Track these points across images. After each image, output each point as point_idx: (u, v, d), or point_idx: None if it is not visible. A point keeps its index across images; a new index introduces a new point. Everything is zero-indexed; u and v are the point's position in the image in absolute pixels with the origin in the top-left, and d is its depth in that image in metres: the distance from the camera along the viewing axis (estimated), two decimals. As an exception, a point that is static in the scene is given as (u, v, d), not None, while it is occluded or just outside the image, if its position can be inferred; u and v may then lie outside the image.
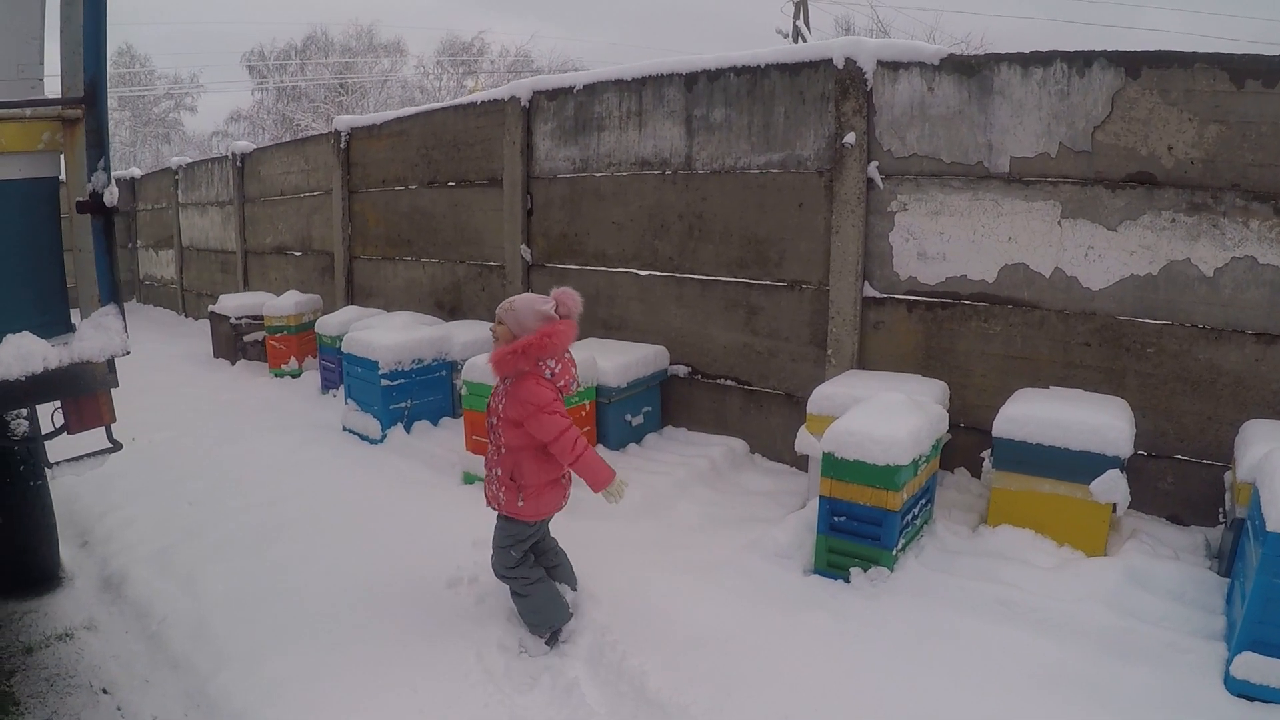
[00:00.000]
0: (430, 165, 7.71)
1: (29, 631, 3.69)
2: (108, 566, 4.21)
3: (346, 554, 4.07)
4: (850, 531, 3.57)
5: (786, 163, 4.96)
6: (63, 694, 3.20)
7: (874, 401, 3.78)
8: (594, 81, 6.00)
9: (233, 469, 5.55)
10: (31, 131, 2.56)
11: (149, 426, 6.60)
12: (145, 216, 15.48)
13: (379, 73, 34.92)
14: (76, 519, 4.87)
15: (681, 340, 5.69)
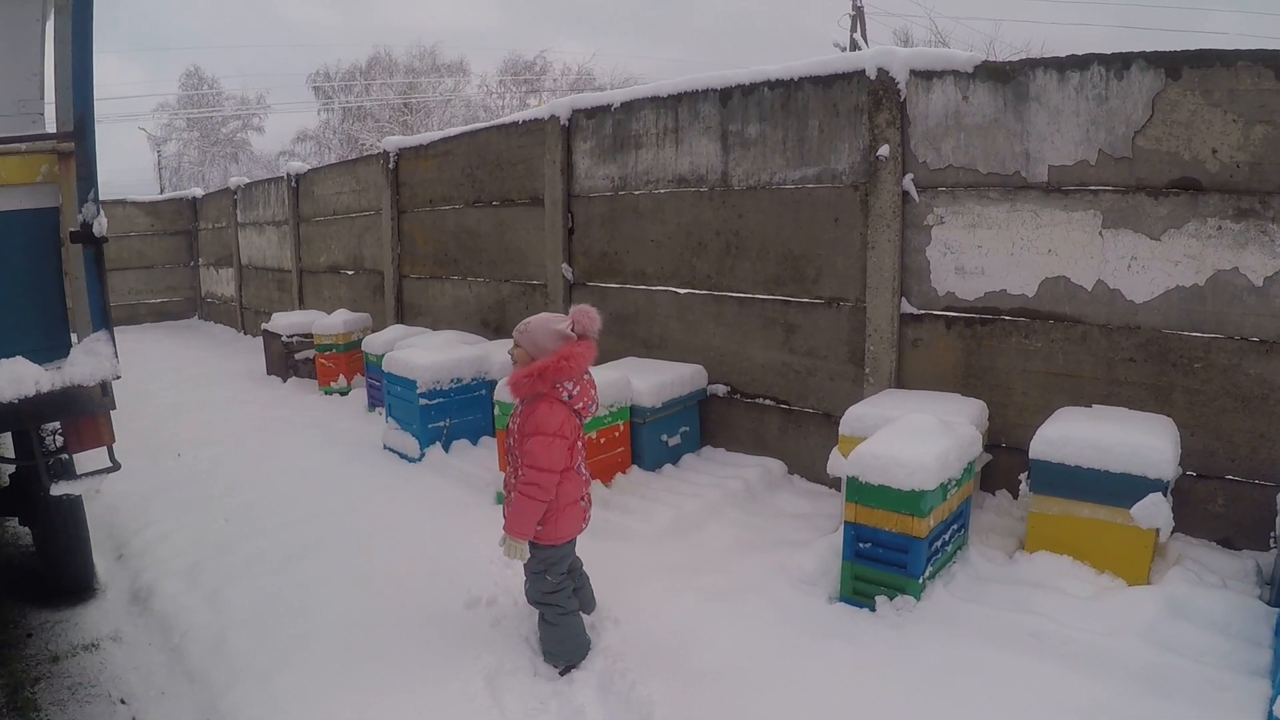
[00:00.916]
0: (475, 185, 7.92)
1: (58, 640, 3.90)
2: (139, 580, 4.41)
3: (371, 573, 4.20)
4: (875, 558, 3.53)
5: (821, 177, 4.97)
6: (82, 702, 3.37)
7: (901, 423, 3.74)
8: (631, 99, 6.10)
9: (272, 485, 5.77)
10: (31, 164, 2.75)
11: (196, 442, 6.95)
12: (206, 235, 16.21)
13: (442, 92, 35.92)
14: (115, 532, 5.12)
15: (720, 359, 5.72)
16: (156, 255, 16.61)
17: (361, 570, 4.24)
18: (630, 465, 5.37)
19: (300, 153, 34.98)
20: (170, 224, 16.71)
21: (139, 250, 16.36)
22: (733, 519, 4.69)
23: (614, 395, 5.19)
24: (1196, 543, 3.86)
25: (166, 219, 16.68)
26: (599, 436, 5.11)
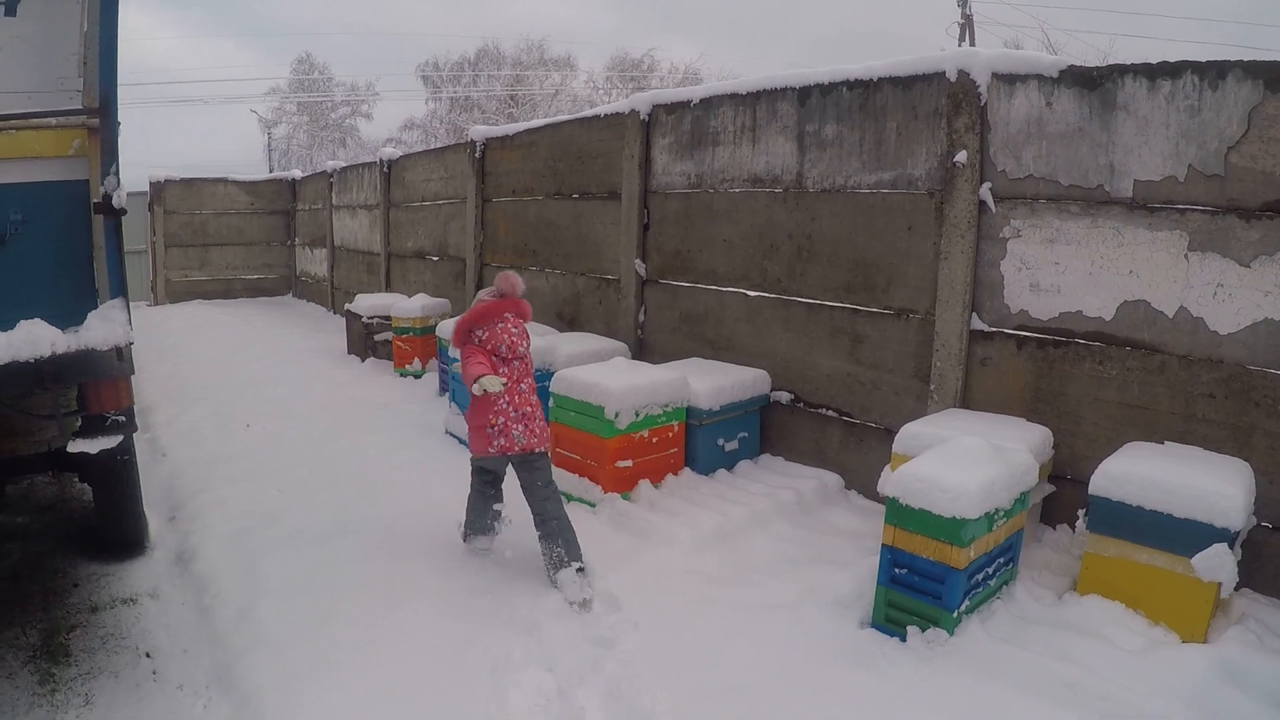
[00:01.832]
0: (556, 177, 8.06)
1: (100, 593, 4.21)
2: (186, 542, 4.70)
3: (404, 555, 4.37)
4: (911, 586, 3.46)
5: (897, 182, 4.88)
6: (110, 652, 3.64)
7: (950, 445, 3.65)
8: (710, 95, 6.12)
9: (330, 462, 6.04)
10: (63, 138, 2.98)
11: (267, 415, 7.31)
12: (303, 216, 17.02)
13: (548, 86, 36.68)
14: (174, 495, 5.46)
15: (786, 365, 5.68)
16: (255, 233, 17.50)
17: (396, 551, 4.41)
18: (683, 467, 5.39)
19: (407, 140, 36.34)
20: (269, 203, 17.59)
21: (238, 227, 17.28)
22: (779, 531, 4.66)
23: (669, 395, 5.22)
24: (1265, 601, 3.62)
25: (266, 198, 17.57)
26: (651, 435, 5.15)
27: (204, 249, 17.08)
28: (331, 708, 3.09)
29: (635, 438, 5.09)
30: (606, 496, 5.00)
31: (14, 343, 2.86)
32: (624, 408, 4.99)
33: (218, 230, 17.12)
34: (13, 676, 3.49)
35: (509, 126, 9.04)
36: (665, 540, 4.50)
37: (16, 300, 2.98)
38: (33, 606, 4.09)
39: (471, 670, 3.30)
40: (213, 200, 17.07)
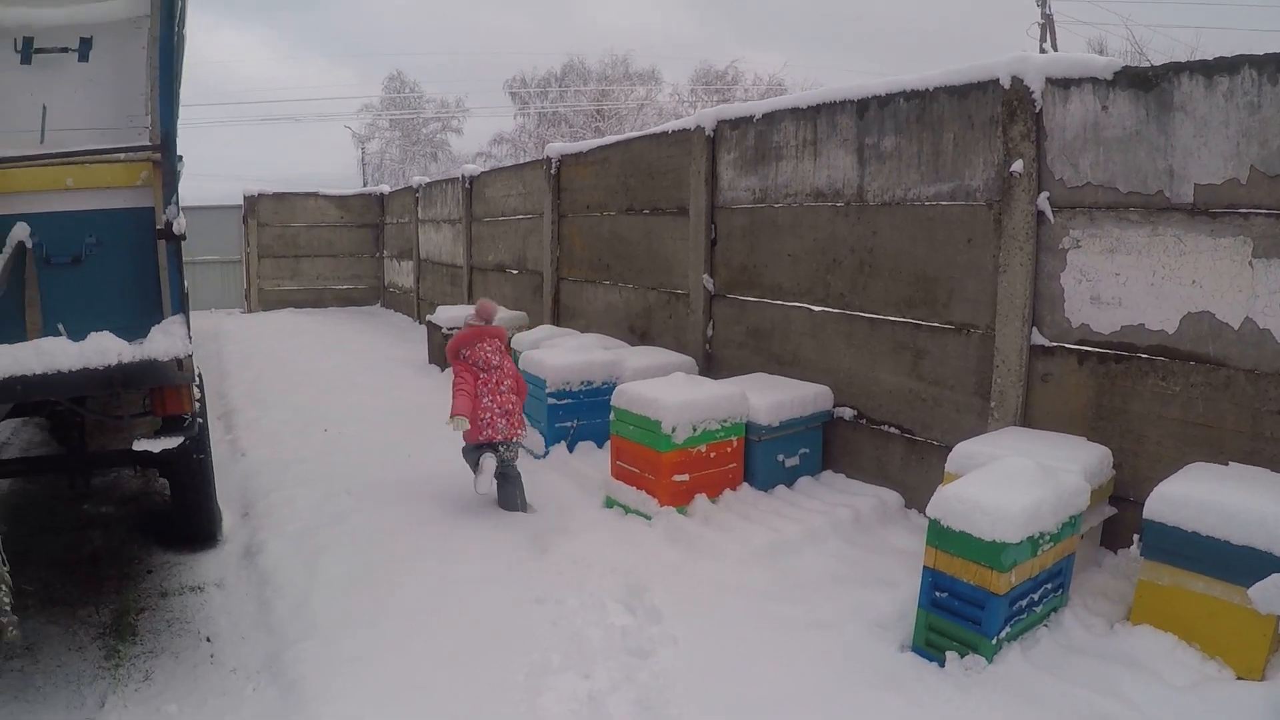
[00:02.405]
0: (628, 192, 8.25)
1: (171, 580, 4.64)
2: (255, 537, 5.09)
3: (458, 558, 4.61)
4: (951, 610, 3.45)
5: (956, 194, 4.86)
6: (174, 635, 4.03)
7: (996, 466, 3.63)
8: (772, 110, 6.19)
9: (399, 467, 6.38)
10: (132, 170, 3.37)
11: (345, 420, 7.75)
12: (391, 229, 17.82)
13: (634, 100, 37.36)
14: (248, 493, 5.89)
15: (849, 381, 5.69)
16: (344, 245, 18.45)
17: (451, 555, 4.65)
18: (741, 483, 5.45)
19: (497, 154, 37.63)
20: (359, 217, 18.52)
21: (328, 240, 18.27)
22: (832, 549, 4.68)
23: (727, 410, 5.31)
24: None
25: (355, 212, 18.51)
26: (709, 450, 5.24)
27: (295, 260, 18.08)
28: (369, 695, 3.31)
29: (692, 452, 5.19)
30: (662, 510, 5.10)
31: (85, 352, 3.23)
32: (681, 422, 5.09)
33: (309, 242, 18.11)
34: (82, 650, 3.89)
35: (582, 144, 9.29)
36: (715, 555, 4.58)
37: (89, 314, 3.36)
38: (108, 589, 4.53)
39: (509, 670, 3.47)
40: (304, 213, 18.08)
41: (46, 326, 3.36)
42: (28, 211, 3.30)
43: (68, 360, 3.22)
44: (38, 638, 3.97)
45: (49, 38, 3.41)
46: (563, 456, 6.49)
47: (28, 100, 3.37)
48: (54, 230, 3.35)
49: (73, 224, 3.38)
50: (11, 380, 3.14)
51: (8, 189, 3.28)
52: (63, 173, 3.34)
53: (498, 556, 4.66)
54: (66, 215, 3.36)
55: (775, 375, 6.14)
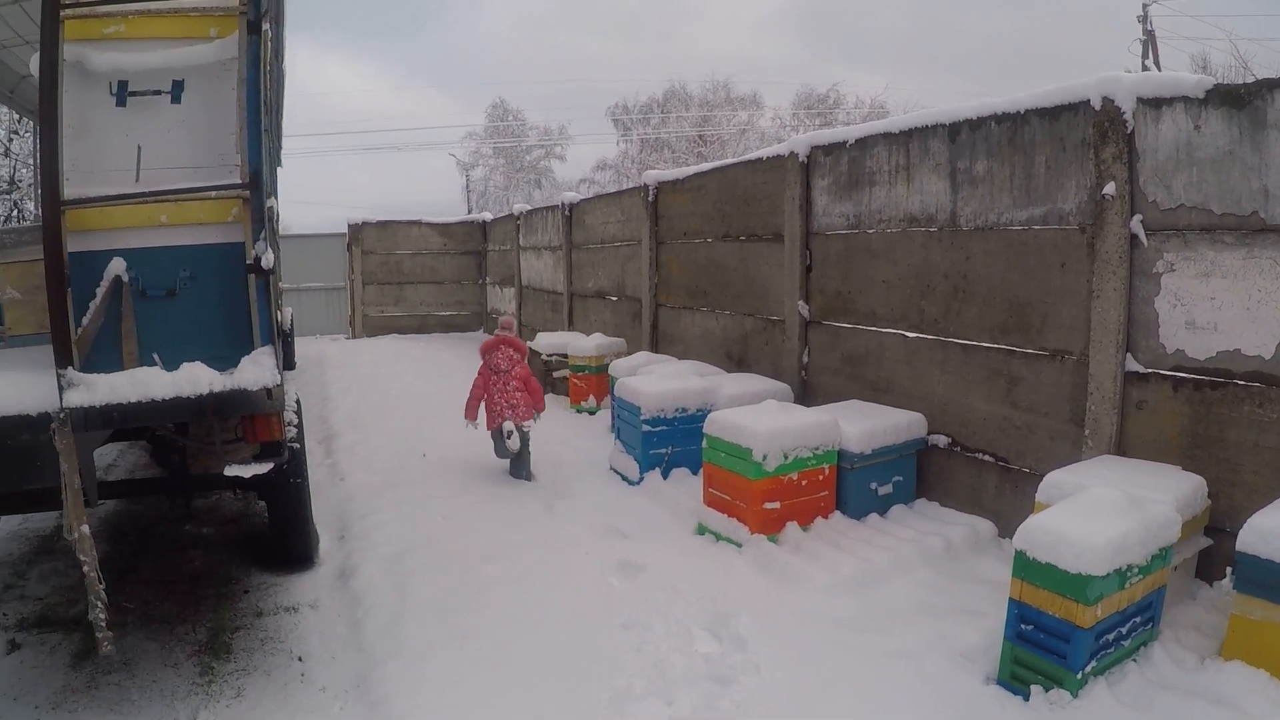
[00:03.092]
0: (724, 219, 8.50)
1: (267, 600, 4.98)
2: (349, 559, 5.43)
3: (547, 581, 4.86)
4: (1036, 643, 3.51)
5: (1048, 218, 4.94)
6: (267, 654, 4.34)
7: (1084, 496, 3.68)
8: (865, 135, 6.35)
9: (494, 492, 6.73)
10: (223, 207, 3.67)
11: (443, 445, 8.16)
12: (493, 256, 18.56)
13: (736, 125, 37.90)
14: (345, 516, 6.27)
15: (943, 408, 5.78)
16: (447, 272, 19.33)
17: (540, 579, 4.90)
18: (833, 511, 5.59)
19: (600, 180, 38.89)
20: (461, 244, 19.38)
21: (431, 267, 19.18)
22: (921, 579, 4.77)
23: (819, 437, 5.46)
24: None
25: (458, 239, 19.38)
26: (800, 478, 5.40)
27: (399, 286, 19.03)
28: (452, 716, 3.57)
29: (784, 480, 5.35)
30: (753, 538, 5.27)
31: (177, 381, 3.52)
32: (772, 450, 5.26)
33: (412, 269, 19.05)
34: (177, 666, 4.23)
35: (679, 170, 9.60)
36: (803, 583, 4.73)
37: (182, 345, 3.65)
38: (205, 607, 4.90)
39: (592, 695, 3.68)
40: (407, 241, 19.05)
41: (142, 356, 3.62)
42: (124, 247, 3.60)
43: (161, 389, 3.49)
44: (135, 653, 4.33)
45: (143, 81, 3.69)
46: (657, 483, 6.72)
47: (123, 141, 3.66)
48: (149, 264, 3.64)
49: (167, 258, 3.66)
50: (109, 408, 3.42)
51: (106, 225, 3.58)
52: (157, 210, 3.63)
53: (587, 582, 4.89)
54: (161, 250, 3.65)
55: (869, 402, 6.26)
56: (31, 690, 4.00)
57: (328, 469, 7.78)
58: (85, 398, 3.37)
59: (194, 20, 3.74)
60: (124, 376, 3.48)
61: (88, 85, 3.62)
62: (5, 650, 4.40)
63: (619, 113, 41.18)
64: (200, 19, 3.74)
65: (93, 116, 3.63)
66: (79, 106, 3.59)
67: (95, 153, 3.60)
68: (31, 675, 4.15)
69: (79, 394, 3.37)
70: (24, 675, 4.15)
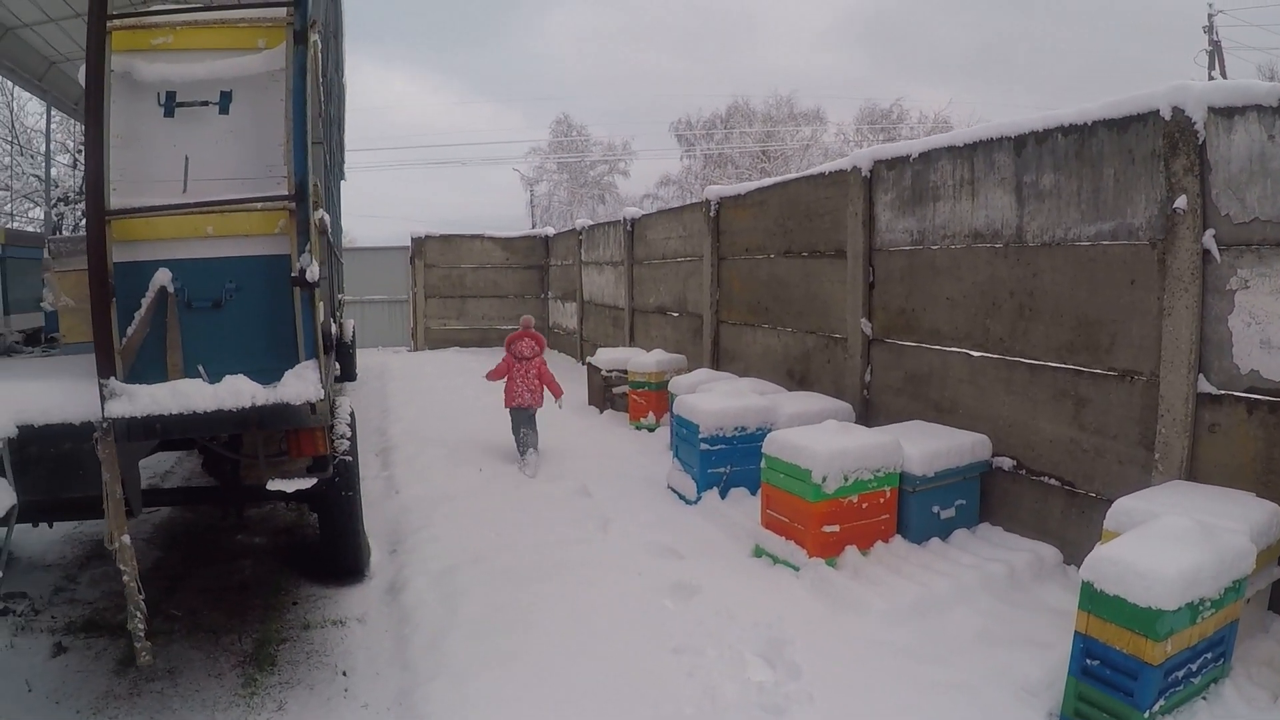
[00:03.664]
0: (786, 235, 8.53)
1: (314, 613, 5.11)
2: (400, 574, 5.54)
3: (596, 604, 4.90)
4: (1102, 679, 3.46)
5: (1117, 233, 4.87)
6: (312, 667, 4.44)
7: (1154, 526, 3.62)
8: (929, 149, 6.33)
9: (547, 508, 6.83)
10: (271, 219, 3.71)
11: (498, 459, 8.38)
12: (555, 271, 18.88)
13: (799, 140, 38.06)
14: (398, 529, 6.41)
15: (1009, 429, 5.71)
16: (510, 286, 19.73)
17: (591, 599, 4.95)
18: (894, 534, 5.55)
19: (664, 196, 39.43)
20: (524, 259, 19.76)
21: (494, 280, 19.61)
22: (983, 607, 4.72)
23: (880, 459, 5.44)
24: None
25: (520, 254, 19.77)
26: (860, 501, 5.38)
27: (461, 300, 19.50)
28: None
29: (843, 502, 5.34)
30: (811, 561, 5.27)
31: (219, 394, 3.59)
32: (831, 471, 5.26)
33: (474, 283, 19.51)
34: (220, 676, 4.36)
35: (741, 185, 9.65)
36: (860, 609, 4.71)
37: (227, 357, 3.72)
38: (252, 618, 5.04)
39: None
40: (470, 255, 19.50)
41: (187, 368, 3.69)
42: (170, 258, 3.67)
43: (203, 401, 3.58)
44: (180, 662, 4.48)
45: (191, 91, 3.76)
46: (715, 503, 6.75)
47: (171, 151, 3.73)
48: (195, 276, 3.70)
49: (213, 270, 3.72)
50: (151, 419, 3.51)
51: (152, 236, 3.67)
52: (203, 221, 3.70)
53: (639, 603, 4.93)
54: (207, 261, 3.72)
55: (933, 423, 6.22)
56: (74, 694, 4.17)
57: (384, 481, 7.96)
58: (127, 408, 3.47)
59: (242, 31, 3.81)
60: (166, 388, 3.57)
61: (136, 95, 3.71)
62: (51, 653, 4.58)
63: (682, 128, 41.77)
64: (248, 30, 3.81)
65: (141, 127, 3.71)
66: (127, 116, 3.68)
67: (143, 163, 3.69)
68: (75, 679, 4.32)
69: (120, 404, 3.47)
70: (68, 679, 4.32)
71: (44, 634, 4.83)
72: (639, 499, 7.12)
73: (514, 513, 6.70)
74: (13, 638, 4.79)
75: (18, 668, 4.43)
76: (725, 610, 4.79)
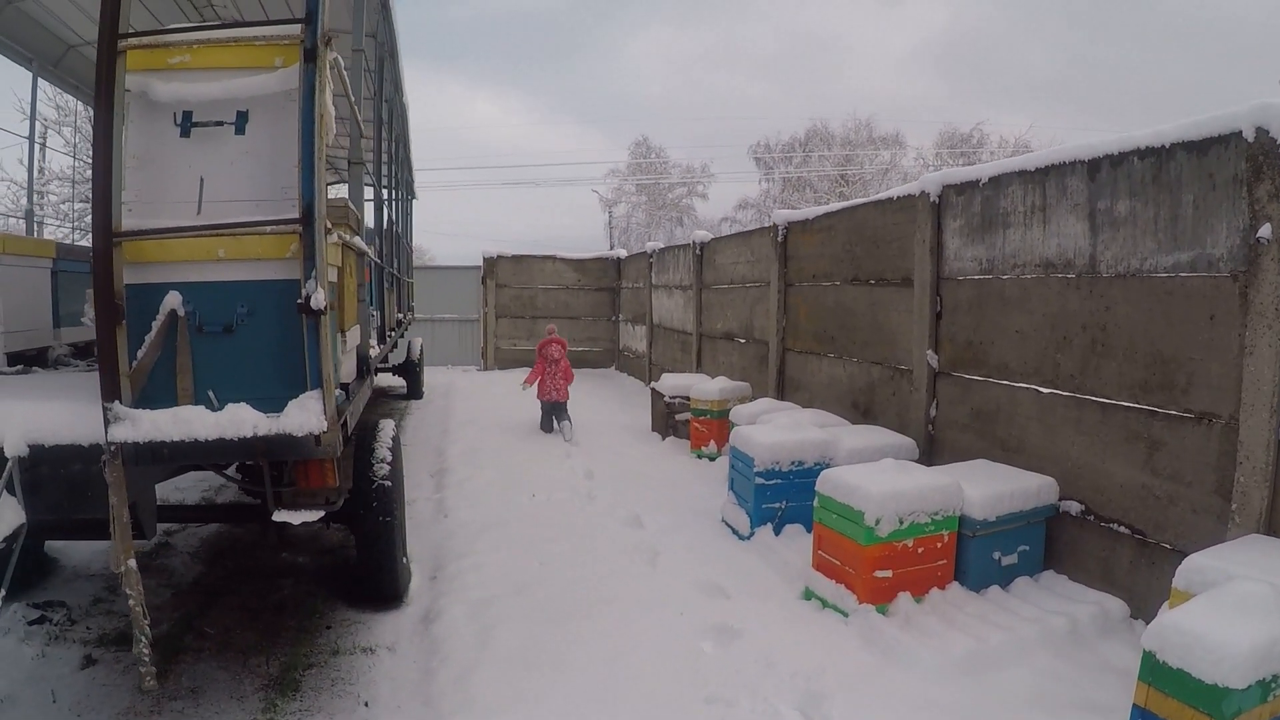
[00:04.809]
0: (853, 261, 8.32)
1: (346, 638, 5.07)
2: (437, 602, 5.48)
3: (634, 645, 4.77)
4: None
5: (1196, 264, 4.58)
6: (334, 696, 4.40)
7: (1227, 591, 3.34)
8: (999, 173, 6.09)
9: (596, 538, 6.72)
10: (283, 242, 3.65)
11: (552, 485, 8.30)
12: (626, 294, 18.99)
13: (878, 164, 37.80)
14: (441, 555, 6.38)
15: (1077, 472, 5.41)
16: (581, 307, 19.95)
17: (626, 639, 4.83)
18: (950, 581, 5.30)
19: (741, 220, 39.65)
20: (596, 280, 19.96)
21: (565, 302, 19.86)
22: (1040, 664, 4.45)
23: (939, 502, 5.20)
24: None
25: (592, 275, 19.97)
26: (916, 545, 5.15)
27: (532, 320, 19.73)
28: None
29: (898, 546, 5.12)
30: (860, 608, 5.06)
31: (221, 422, 3.56)
32: (886, 513, 5.05)
33: (545, 304, 19.78)
34: (242, 700, 4.35)
35: (809, 210, 9.47)
36: (908, 662, 4.48)
37: (238, 383, 3.69)
38: (283, 640, 5.04)
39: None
40: (541, 275, 19.79)
41: (198, 394, 3.66)
42: (182, 280, 3.65)
43: (204, 429, 3.55)
44: (205, 681, 4.50)
45: (207, 111, 3.74)
46: (768, 540, 6.56)
47: (186, 172, 3.71)
48: (207, 299, 3.67)
49: (224, 294, 3.69)
50: (156, 445, 3.50)
51: (164, 258, 3.65)
52: (215, 243, 3.66)
53: (677, 645, 4.78)
54: (218, 285, 3.68)
55: (998, 463, 5.94)
56: (97, 707, 4.21)
57: (434, 504, 7.96)
58: (130, 433, 3.47)
59: (259, 50, 3.79)
60: (168, 414, 3.55)
61: (153, 116, 3.71)
62: (81, 664, 4.66)
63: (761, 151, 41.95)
64: (265, 48, 3.78)
65: (157, 147, 3.71)
66: (143, 136, 3.69)
67: (158, 184, 3.69)
68: (100, 693, 4.37)
69: (123, 429, 3.47)
70: (93, 692, 4.37)
71: (76, 644, 4.92)
72: (691, 532, 6.97)
73: (562, 542, 6.62)
74: (45, 646, 4.87)
75: (46, 677, 4.50)
76: (765, 657, 4.61)
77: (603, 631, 4.95)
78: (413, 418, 13.49)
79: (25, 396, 4.03)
